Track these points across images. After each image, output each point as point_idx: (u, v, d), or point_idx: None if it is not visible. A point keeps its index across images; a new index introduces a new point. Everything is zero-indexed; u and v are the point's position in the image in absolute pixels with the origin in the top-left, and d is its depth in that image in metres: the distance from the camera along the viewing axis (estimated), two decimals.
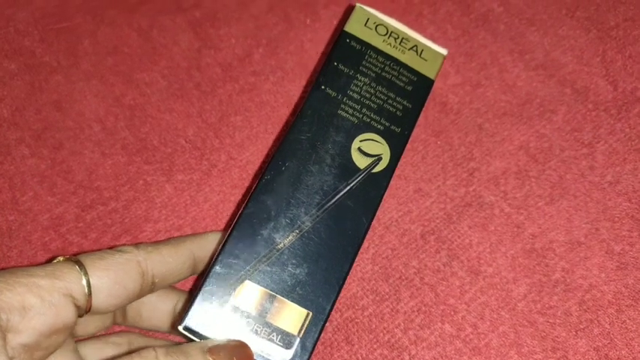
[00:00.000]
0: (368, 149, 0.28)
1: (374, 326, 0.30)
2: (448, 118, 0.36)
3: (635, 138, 0.34)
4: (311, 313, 0.25)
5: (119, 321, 0.28)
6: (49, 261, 0.25)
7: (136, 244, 0.26)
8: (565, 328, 0.29)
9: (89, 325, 0.27)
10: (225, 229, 0.33)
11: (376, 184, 0.28)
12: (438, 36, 0.39)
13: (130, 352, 0.22)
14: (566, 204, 0.33)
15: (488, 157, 0.34)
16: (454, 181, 0.34)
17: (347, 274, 0.26)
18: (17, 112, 0.38)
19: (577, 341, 0.29)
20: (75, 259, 0.24)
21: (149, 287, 0.26)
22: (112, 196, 0.35)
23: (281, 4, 0.41)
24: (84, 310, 0.24)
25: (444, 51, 0.31)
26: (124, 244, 0.26)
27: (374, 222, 0.33)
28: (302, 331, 0.25)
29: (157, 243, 0.27)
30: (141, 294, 0.25)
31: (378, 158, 0.28)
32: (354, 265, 0.32)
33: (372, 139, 0.28)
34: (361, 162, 0.28)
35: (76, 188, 0.36)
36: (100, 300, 0.24)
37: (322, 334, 0.25)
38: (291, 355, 0.24)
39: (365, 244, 0.33)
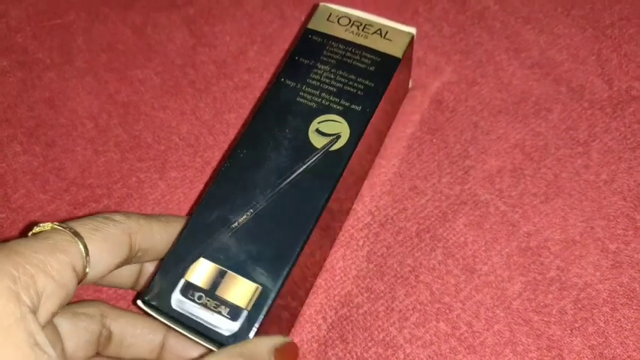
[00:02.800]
0: (326, 129, 0.29)
1: (369, 324, 0.30)
2: (444, 116, 0.36)
3: (631, 136, 0.34)
4: (260, 287, 0.25)
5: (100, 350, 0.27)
6: (30, 227, 0.24)
7: (127, 214, 0.25)
8: (560, 327, 0.29)
9: None
10: None
11: (335, 161, 0.28)
12: (433, 34, 0.39)
13: None
14: (561, 202, 0.32)
15: (484, 155, 0.34)
16: (449, 179, 0.34)
17: (301, 250, 0.26)
18: (9, 109, 0.38)
19: (572, 340, 0.29)
20: (72, 230, 0.23)
21: (132, 258, 0.25)
22: (105, 194, 0.35)
23: (275, 1, 0.41)
24: (82, 277, 0.23)
25: (411, 29, 0.32)
26: (115, 212, 0.26)
27: (369, 219, 0.33)
28: (250, 305, 0.25)
29: (148, 216, 0.26)
30: (122, 264, 0.25)
31: (337, 136, 0.29)
32: (350, 263, 0.32)
33: (331, 120, 0.29)
34: (318, 142, 0.29)
35: (68, 185, 0.35)
36: (93, 271, 0.23)
37: (273, 309, 0.25)
38: (237, 327, 0.24)
39: (360, 241, 0.32)
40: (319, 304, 0.31)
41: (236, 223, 0.27)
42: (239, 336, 0.24)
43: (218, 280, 0.26)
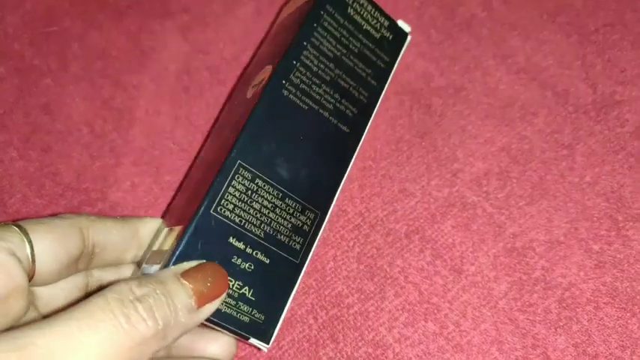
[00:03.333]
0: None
1: (359, 324, 0.31)
2: (432, 120, 0.37)
3: (614, 140, 0.35)
4: (182, 226, 0.25)
5: None
6: None
7: (78, 213, 0.25)
8: (545, 325, 0.30)
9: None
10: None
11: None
12: (422, 40, 0.40)
13: (100, 289, 0.21)
14: (546, 204, 0.33)
15: (472, 158, 0.35)
16: (438, 182, 0.35)
17: (211, 189, 0.25)
18: (6, 115, 0.39)
19: (556, 338, 0.30)
20: (14, 223, 0.23)
21: (88, 257, 0.25)
22: (100, 198, 0.36)
23: (269, 9, 0.42)
24: (28, 275, 0.22)
25: None
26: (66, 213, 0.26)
27: (359, 220, 0.34)
28: (173, 245, 0.25)
29: (102, 216, 0.26)
30: (78, 266, 0.25)
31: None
32: (340, 264, 0.33)
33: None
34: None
35: (64, 190, 0.36)
36: (43, 265, 0.23)
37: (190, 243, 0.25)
38: (159, 268, 0.24)
39: (350, 242, 0.33)
40: (310, 305, 0.32)
41: None
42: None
43: (166, 237, 0.26)
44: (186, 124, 0.38)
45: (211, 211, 0.25)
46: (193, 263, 0.23)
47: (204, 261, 0.24)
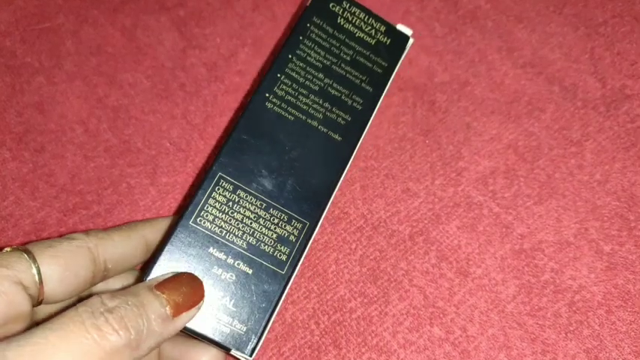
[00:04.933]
0: None
1: (362, 329, 0.30)
2: (436, 117, 0.36)
3: (624, 136, 0.34)
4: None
5: None
6: None
7: (86, 232, 0.26)
8: (555, 330, 0.29)
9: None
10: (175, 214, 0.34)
11: None
12: (425, 33, 0.39)
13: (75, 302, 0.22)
14: (554, 203, 0.32)
15: (477, 156, 0.34)
16: (442, 181, 0.34)
17: (192, 202, 0.26)
18: None
19: (567, 343, 0.29)
20: (22, 248, 0.23)
21: (102, 273, 0.26)
22: (95, 200, 0.35)
23: (266, 3, 0.41)
24: (36, 299, 0.23)
25: None
26: (74, 232, 0.26)
27: (361, 222, 0.33)
28: (154, 256, 0.25)
29: (108, 229, 0.27)
30: (94, 281, 0.25)
31: None
32: (342, 267, 0.32)
33: None
34: None
35: (58, 192, 0.35)
36: (51, 288, 0.23)
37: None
38: (143, 277, 0.25)
39: (352, 245, 0.32)
40: (312, 309, 0.31)
41: None
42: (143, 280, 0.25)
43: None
44: (183, 123, 0.37)
45: (190, 222, 0.25)
46: (168, 275, 0.24)
47: (180, 272, 0.25)
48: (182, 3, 0.41)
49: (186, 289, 0.23)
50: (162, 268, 0.25)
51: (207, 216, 0.26)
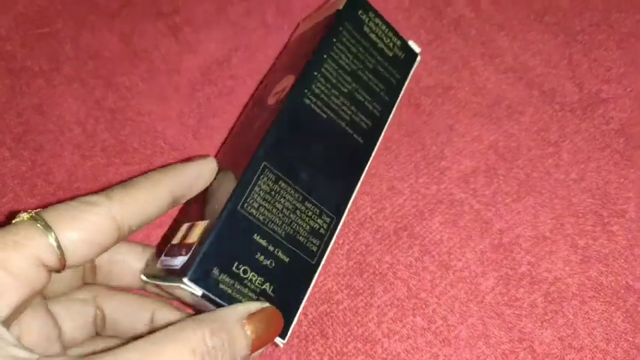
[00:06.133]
0: None
1: (348, 320, 0.31)
2: (420, 119, 0.37)
3: (599, 137, 0.36)
4: (208, 221, 0.26)
5: (88, 280, 0.28)
6: (10, 218, 0.24)
7: (109, 194, 0.24)
8: (531, 320, 0.30)
9: (59, 285, 0.27)
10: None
11: None
12: (411, 40, 0.40)
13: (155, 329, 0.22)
14: (532, 200, 0.34)
15: (459, 156, 0.36)
16: (426, 179, 0.35)
17: (238, 187, 0.26)
18: None
19: (542, 332, 0.30)
20: (41, 220, 0.22)
21: (125, 236, 0.25)
22: None
23: (259, 10, 0.42)
24: (58, 269, 0.23)
25: None
26: (96, 193, 0.25)
27: (348, 218, 0.34)
28: (199, 239, 0.25)
29: (130, 188, 0.25)
30: (116, 243, 0.25)
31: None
32: (329, 260, 0.33)
33: None
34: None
35: (55, 190, 0.36)
36: (73, 258, 0.23)
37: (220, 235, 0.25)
38: (187, 259, 0.25)
39: (339, 240, 0.33)
40: None
41: None
42: (189, 263, 0.24)
43: (187, 231, 0.27)
44: (178, 124, 0.38)
45: (238, 208, 0.25)
46: (258, 305, 0.24)
47: (267, 304, 0.25)
48: (177, 9, 0.43)
49: (272, 328, 0.24)
50: (211, 251, 0.24)
51: (253, 203, 0.26)
